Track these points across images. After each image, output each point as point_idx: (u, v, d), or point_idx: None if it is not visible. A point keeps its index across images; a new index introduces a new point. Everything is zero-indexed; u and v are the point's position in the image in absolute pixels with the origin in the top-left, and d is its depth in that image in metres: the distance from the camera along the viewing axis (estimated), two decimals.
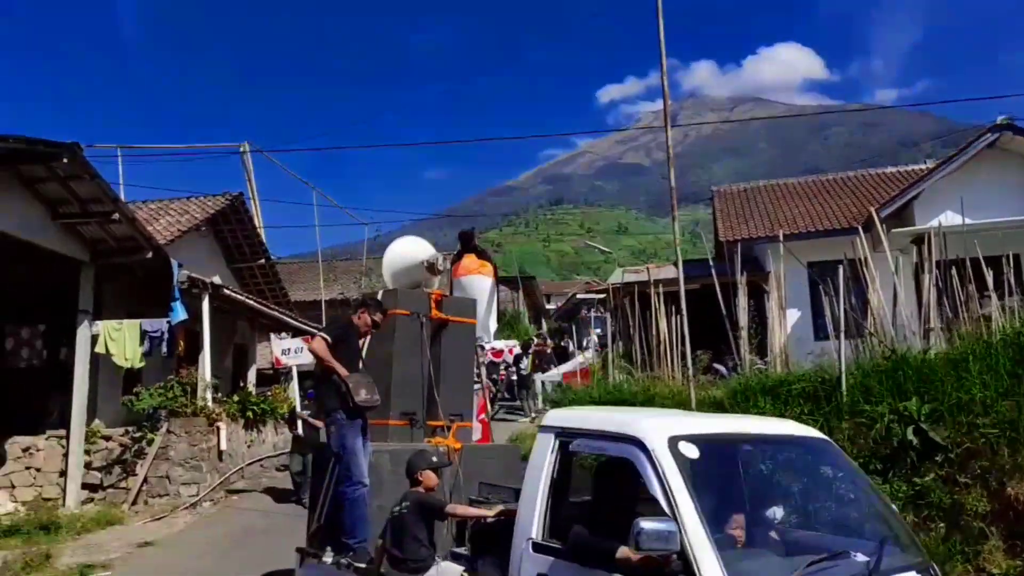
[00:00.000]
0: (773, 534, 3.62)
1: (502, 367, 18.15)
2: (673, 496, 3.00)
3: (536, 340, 21.30)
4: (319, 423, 10.89)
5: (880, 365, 7.00)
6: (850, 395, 6.78)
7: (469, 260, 15.19)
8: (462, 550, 4.57)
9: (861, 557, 3.09)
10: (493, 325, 15.96)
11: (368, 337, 5.96)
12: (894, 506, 4.00)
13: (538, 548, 3.48)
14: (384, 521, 4.88)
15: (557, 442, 3.66)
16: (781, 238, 10.17)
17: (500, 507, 4.37)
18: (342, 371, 5.30)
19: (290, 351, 13.06)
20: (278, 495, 11.31)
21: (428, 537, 4.59)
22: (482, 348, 13.40)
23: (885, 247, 8.76)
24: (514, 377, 18.72)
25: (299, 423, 11.08)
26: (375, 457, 5.37)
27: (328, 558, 4.98)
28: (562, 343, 23.73)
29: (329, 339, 5.44)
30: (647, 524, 2.81)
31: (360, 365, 5.60)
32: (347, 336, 5.59)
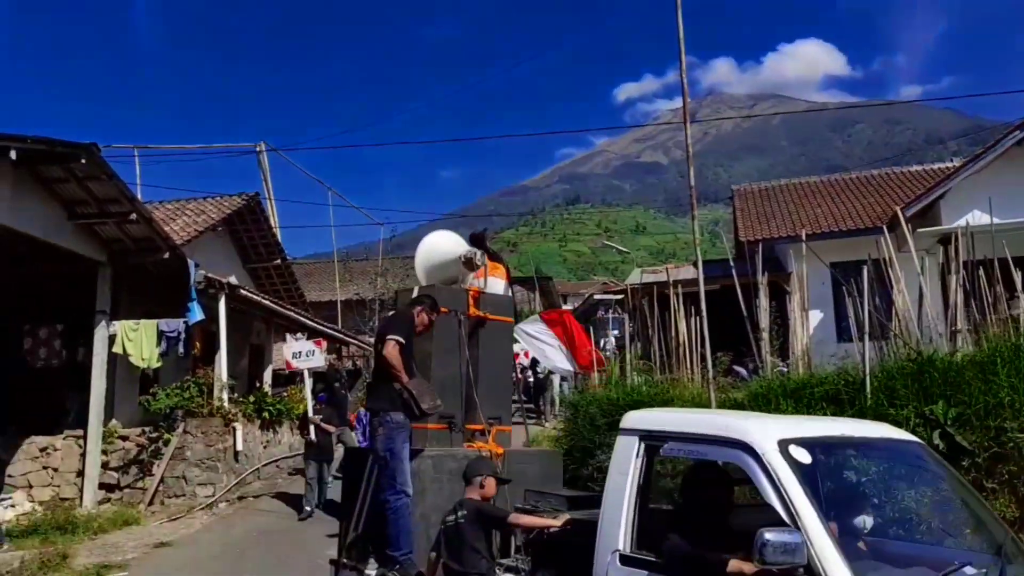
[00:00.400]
0: (861, 544, 3.38)
1: (518, 370, 18.20)
2: (793, 505, 2.78)
3: None
4: (332, 428, 10.88)
5: (905, 368, 6.80)
6: (874, 398, 6.59)
7: None
8: (511, 561, 4.33)
9: (970, 570, 2.88)
10: None
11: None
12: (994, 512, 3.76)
13: (627, 561, 3.25)
14: (426, 531, 4.68)
15: (642, 446, 3.42)
16: (803, 238, 9.94)
17: (566, 515, 4.16)
18: (405, 378, 5.06)
19: (301, 354, 12.56)
20: (290, 501, 11.15)
21: (487, 548, 4.36)
22: None
23: (910, 247, 8.52)
24: (531, 379, 18.45)
25: (311, 428, 10.86)
26: (416, 463, 5.15)
27: (372, 571, 4.76)
28: None
29: (403, 341, 5.14)
30: (773, 536, 2.59)
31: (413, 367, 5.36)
32: (411, 337, 5.31)
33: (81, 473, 11.27)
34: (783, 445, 2.99)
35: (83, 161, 9.71)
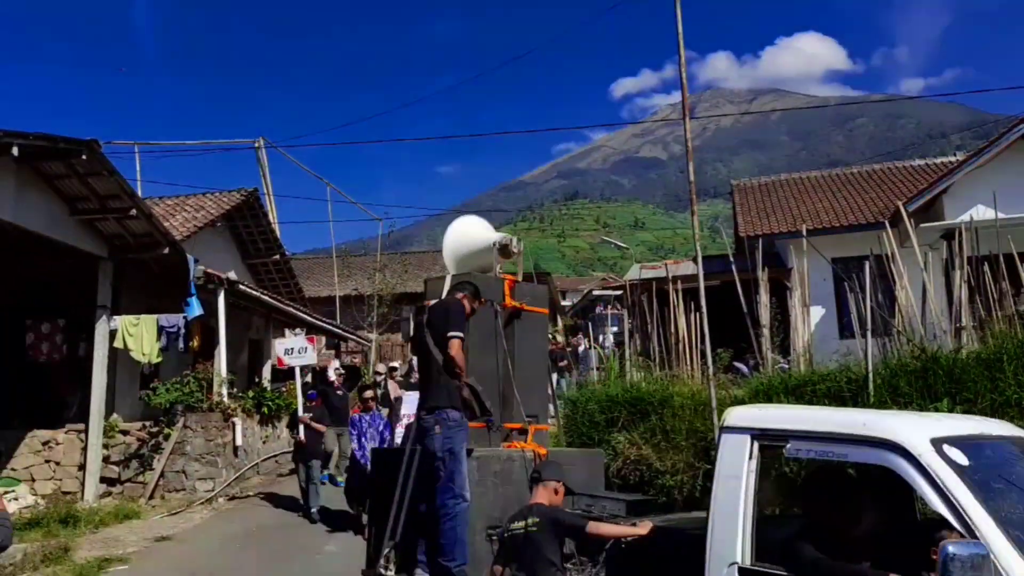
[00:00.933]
0: None
1: None
2: (966, 512, 2.51)
3: (550, 340, 20.98)
4: (322, 427, 10.40)
5: (909, 365, 6.77)
6: (877, 396, 6.56)
7: None
8: (575, 567, 4.04)
9: None
10: None
11: None
12: None
13: (747, 575, 2.97)
14: (471, 538, 4.39)
15: (755, 446, 3.13)
16: (804, 233, 9.91)
17: (647, 523, 3.87)
18: (467, 377, 4.76)
19: (293, 351, 12.12)
20: (288, 497, 10.86)
21: (561, 559, 3.97)
22: None
23: (913, 242, 8.49)
24: None
25: (300, 428, 10.35)
26: None
27: None
28: (572, 340, 22.48)
29: (464, 337, 4.80)
30: (958, 548, 2.32)
31: None
32: (466, 328, 4.95)
33: (82, 467, 11.29)
34: (937, 445, 2.73)
35: (84, 157, 9.72)
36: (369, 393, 9.99)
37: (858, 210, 15.46)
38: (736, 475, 3.13)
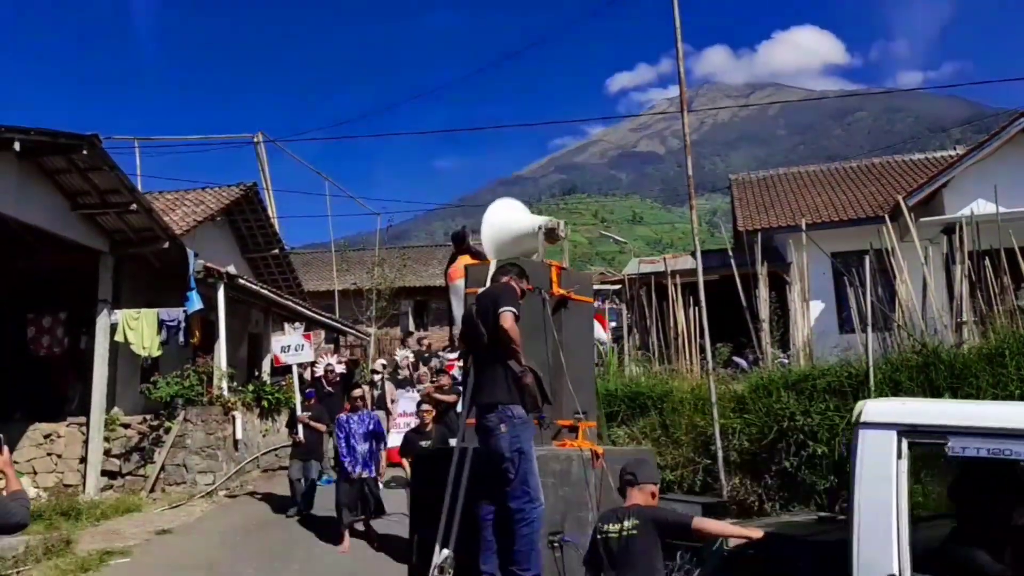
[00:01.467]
0: None
1: None
2: None
3: None
4: (322, 427, 10.10)
5: (910, 360, 6.80)
6: (878, 391, 6.59)
7: (464, 261, 14.10)
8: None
9: None
10: None
11: None
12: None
13: None
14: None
15: (904, 443, 2.90)
16: (803, 227, 9.92)
17: (756, 527, 3.63)
18: (527, 360, 4.37)
19: (290, 348, 11.64)
20: (276, 503, 10.48)
21: (661, 561, 3.71)
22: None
23: (913, 237, 8.50)
24: None
25: (299, 428, 9.99)
26: None
27: None
28: None
29: (518, 314, 4.38)
30: None
31: None
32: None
33: (84, 460, 11.29)
34: None
35: (85, 152, 9.72)
36: (357, 392, 9.19)
37: (857, 204, 15.47)
38: (884, 476, 2.88)
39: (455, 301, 15.56)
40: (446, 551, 4.28)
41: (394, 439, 10.78)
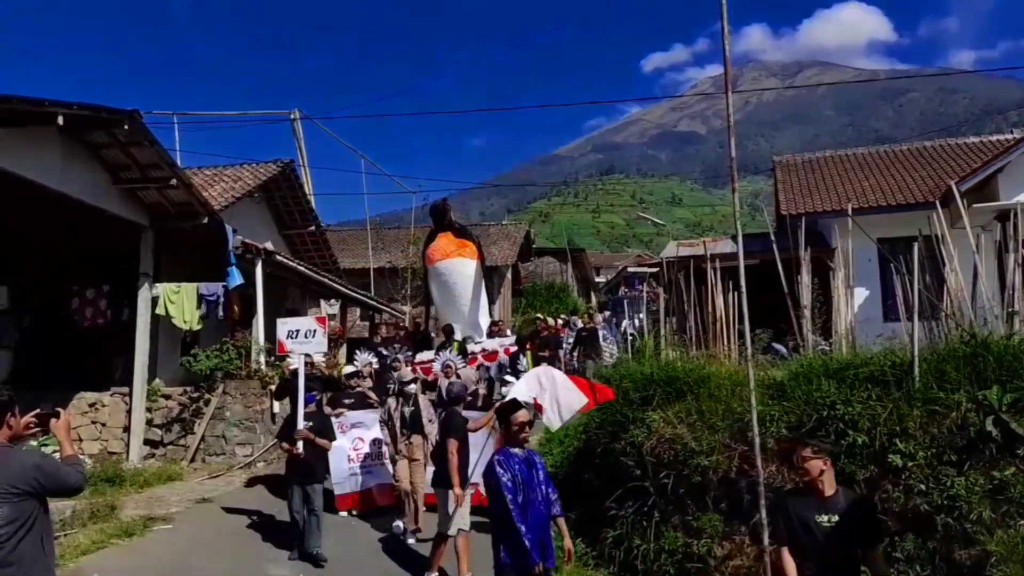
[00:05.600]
0: None
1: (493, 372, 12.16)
2: None
3: (540, 321, 16.81)
4: (327, 444, 7.73)
5: (957, 350, 6.53)
6: (923, 381, 6.36)
7: (445, 241, 12.17)
8: None
9: None
10: (484, 320, 13.15)
11: None
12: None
13: None
14: None
15: None
16: (849, 212, 9.60)
17: None
18: None
19: (298, 334, 8.52)
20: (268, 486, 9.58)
21: None
22: (464, 354, 11.19)
23: (965, 223, 8.15)
24: (504, 389, 11.10)
25: (299, 444, 7.50)
26: None
27: None
28: (578, 317, 19.20)
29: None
30: None
31: None
32: None
33: (127, 429, 11.66)
34: None
35: (126, 127, 9.89)
36: (524, 416, 4.95)
37: (907, 189, 14.95)
38: None
39: (434, 287, 14.42)
40: None
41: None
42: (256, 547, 7.77)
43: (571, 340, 16.14)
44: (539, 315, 19.44)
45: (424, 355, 11.52)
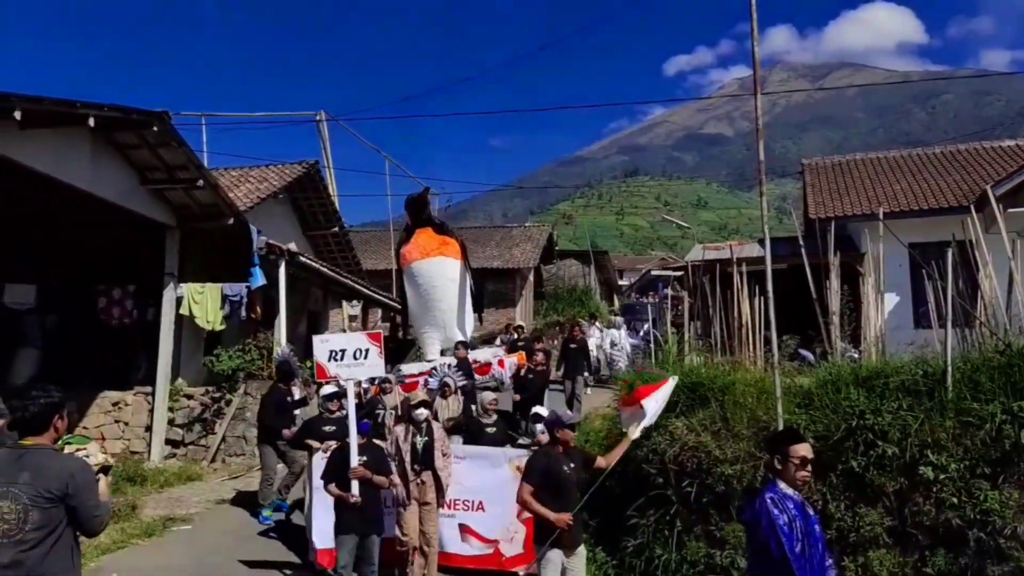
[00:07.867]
0: None
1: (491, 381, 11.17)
2: None
3: (576, 327, 14.59)
4: (384, 481, 6.09)
5: (991, 359, 6.32)
6: (956, 391, 6.16)
7: (425, 237, 11.03)
8: None
9: None
10: (470, 324, 11.97)
11: None
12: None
13: None
14: None
15: None
16: (880, 216, 9.34)
17: None
18: None
19: (343, 355, 6.42)
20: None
21: None
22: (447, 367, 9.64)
23: (1001, 228, 7.87)
24: (515, 398, 11.21)
25: (354, 485, 5.86)
26: None
27: None
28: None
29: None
30: None
31: None
32: None
33: (149, 428, 11.77)
34: None
35: (155, 128, 10.02)
36: (805, 451, 4.05)
37: (940, 193, 14.57)
38: None
39: (410, 289, 12.76)
40: None
41: (476, 520, 7.10)
42: (274, 552, 7.74)
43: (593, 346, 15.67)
44: (578, 320, 18.02)
45: (409, 367, 10.50)
